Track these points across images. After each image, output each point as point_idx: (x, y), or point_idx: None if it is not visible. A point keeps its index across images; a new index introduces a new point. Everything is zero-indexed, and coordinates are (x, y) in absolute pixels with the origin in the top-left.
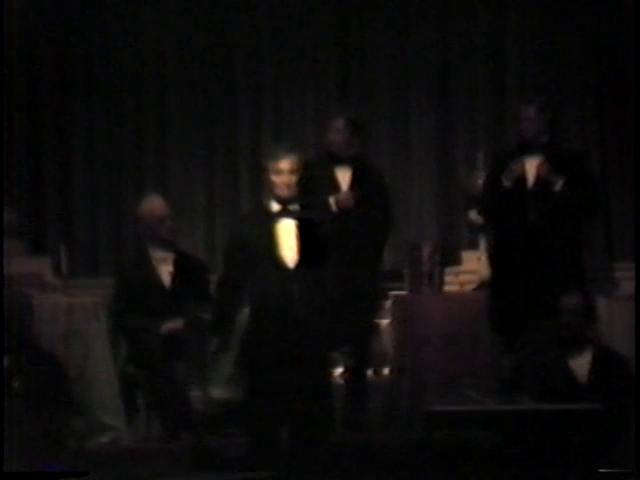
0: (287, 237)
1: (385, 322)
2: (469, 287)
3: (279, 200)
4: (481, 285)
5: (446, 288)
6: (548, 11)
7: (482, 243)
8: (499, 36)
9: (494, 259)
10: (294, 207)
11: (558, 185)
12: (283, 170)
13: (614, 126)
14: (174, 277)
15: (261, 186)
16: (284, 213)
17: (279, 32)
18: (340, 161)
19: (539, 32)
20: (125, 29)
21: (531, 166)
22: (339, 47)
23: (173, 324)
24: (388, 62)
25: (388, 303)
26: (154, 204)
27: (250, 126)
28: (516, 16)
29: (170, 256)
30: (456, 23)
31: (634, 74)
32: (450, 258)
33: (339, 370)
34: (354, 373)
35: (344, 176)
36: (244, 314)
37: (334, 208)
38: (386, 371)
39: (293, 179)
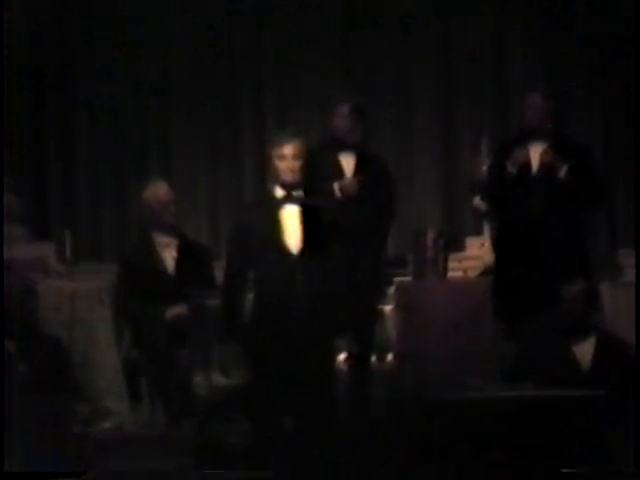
0: (291, 223)
1: (389, 308)
2: (473, 273)
3: (283, 185)
4: (485, 271)
5: (450, 274)
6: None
7: (486, 229)
8: (503, 22)
9: (498, 245)
10: (298, 193)
11: (562, 172)
12: (287, 155)
13: (619, 114)
14: (178, 263)
15: (265, 173)
16: (288, 199)
17: (282, 18)
18: (344, 147)
19: (543, 19)
20: (128, 18)
21: (535, 153)
22: (343, 33)
23: (177, 310)
24: (392, 48)
25: (392, 289)
26: (159, 189)
27: (254, 112)
28: (520, 4)
29: (174, 242)
30: (460, 10)
31: (634, 67)
32: (454, 244)
33: (342, 356)
34: (357, 359)
35: (348, 162)
36: (248, 300)
37: (338, 194)
38: (389, 357)
39: (297, 164)
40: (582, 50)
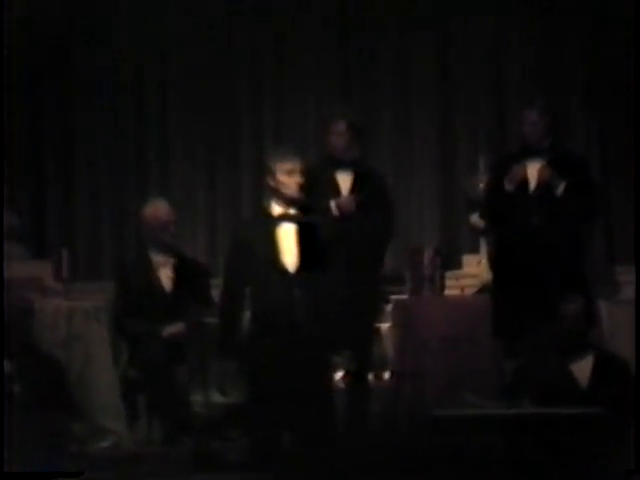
0: (288, 241)
1: (386, 326)
2: (470, 291)
3: (288, 201)
4: (482, 289)
5: (447, 292)
6: (549, 13)
7: (483, 247)
8: (500, 39)
9: (495, 263)
10: (295, 211)
11: (560, 189)
12: (294, 170)
13: (616, 130)
14: (175, 281)
15: (262, 190)
16: (285, 217)
17: (280, 35)
18: (341, 165)
19: (540, 35)
20: (126, 32)
21: (533, 170)
22: (340, 50)
23: (174, 328)
24: (389, 65)
25: (389, 307)
26: (159, 209)
27: (251, 129)
28: (517, 19)
29: (170, 260)
30: (457, 27)
31: (634, 77)
32: (451, 262)
33: (340, 374)
34: (355, 377)
35: (345, 180)
36: (245, 318)
37: (335, 212)
38: (387, 375)
39: (303, 180)
40: (580, 64)
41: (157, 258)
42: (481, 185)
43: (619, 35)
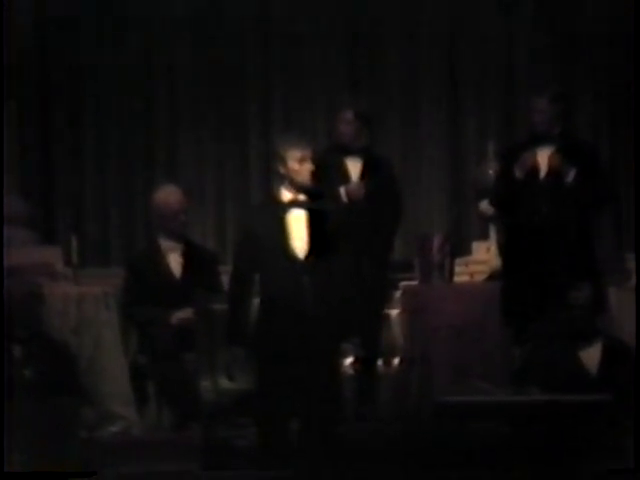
0: (297, 228)
1: (395, 312)
2: (479, 277)
3: (299, 188)
4: (491, 275)
5: (456, 278)
6: (557, 2)
7: (492, 233)
8: (509, 26)
9: (505, 249)
10: (304, 197)
11: (570, 176)
12: (306, 158)
13: (624, 117)
14: (184, 267)
15: (271, 177)
16: (295, 203)
17: (289, 23)
18: (350, 152)
19: (549, 22)
20: (134, 18)
21: (543, 157)
22: (349, 38)
23: (183, 314)
24: (398, 53)
25: (398, 293)
26: (170, 195)
27: (260, 117)
28: (526, 7)
29: (179, 246)
30: (466, 14)
31: (634, 73)
32: (460, 248)
33: (349, 360)
34: (364, 363)
35: (354, 167)
36: (254, 305)
37: (344, 199)
38: (396, 361)
39: (314, 167)
40: (588, 52)
41: (166, 244)
42: (490, 172)
43: (627, 22)
